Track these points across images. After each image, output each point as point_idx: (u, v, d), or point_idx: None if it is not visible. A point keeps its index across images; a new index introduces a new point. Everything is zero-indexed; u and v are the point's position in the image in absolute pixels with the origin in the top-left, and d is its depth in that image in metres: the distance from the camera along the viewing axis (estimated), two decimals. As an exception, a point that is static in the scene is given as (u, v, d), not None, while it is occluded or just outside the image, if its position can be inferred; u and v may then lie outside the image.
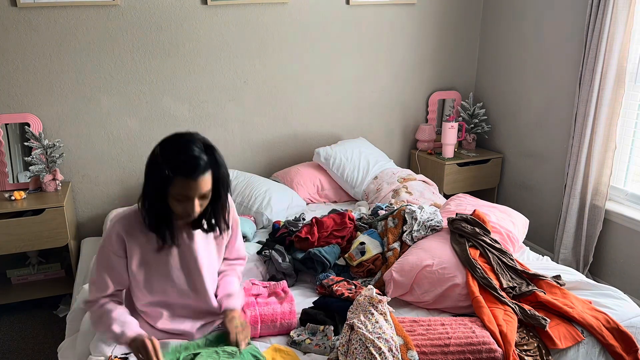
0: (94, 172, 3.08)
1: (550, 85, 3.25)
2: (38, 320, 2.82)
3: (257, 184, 2.99)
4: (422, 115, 3.82)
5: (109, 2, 2.84)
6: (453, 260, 2.06)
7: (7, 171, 2.86)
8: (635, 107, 2.84)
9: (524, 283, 2.05)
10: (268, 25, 3.20)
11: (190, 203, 1.52)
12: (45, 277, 3.01)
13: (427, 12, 3.57)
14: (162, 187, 1.49)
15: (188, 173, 1.47)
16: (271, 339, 1.86)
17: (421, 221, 2.32)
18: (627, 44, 2.72)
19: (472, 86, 3.87)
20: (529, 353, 1.74)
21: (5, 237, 2.60)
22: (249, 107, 3.31)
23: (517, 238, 2.42)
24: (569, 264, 3.05)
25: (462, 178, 3.55)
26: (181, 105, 3.14)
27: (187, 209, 1.53)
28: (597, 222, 2.96)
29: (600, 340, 1.84)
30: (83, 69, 2.91)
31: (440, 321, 1.84)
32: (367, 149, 3.39)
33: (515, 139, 3.59)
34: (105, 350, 1.65)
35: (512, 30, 3.48)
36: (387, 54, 3.56)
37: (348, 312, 1.76)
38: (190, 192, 1.49)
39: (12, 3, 2.70)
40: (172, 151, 1.50)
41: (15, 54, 2.78)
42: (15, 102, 2.84)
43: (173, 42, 3.03)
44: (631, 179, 2.96)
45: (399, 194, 2.93)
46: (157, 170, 1.49)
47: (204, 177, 1.50)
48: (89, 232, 3.13)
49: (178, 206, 1.53)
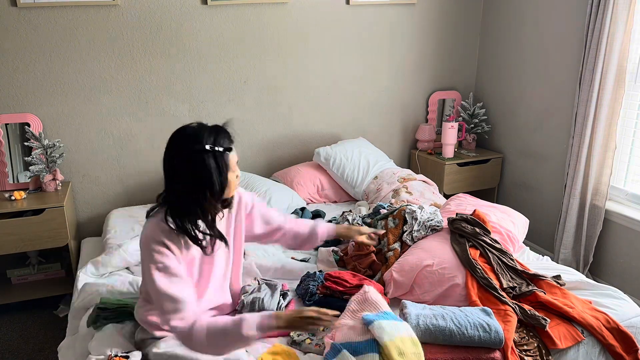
0: (94, 172, 3.08)
1: (550, 85, 3.25)
2: (38, 320, 2.82)
3: (257, 184, 2.99)
4: (422, 115, 3.82)
5: (109, 2, 2.84)
6: (453, 261, 2.06)
7: (7, 171, 2.86)
8: (635, 107, 2.84)
9: (524, 283, 2.05)
10: (268, 25, 3.20)
11: (237, 169, 1.62)
12: (45, 277, 3.01)
13: (427, 12, 3.57)
14: (224, 170, 1.54)
15: (230, 140, 1.58)
16: (272, 340, 1.86)
17: (421, 221, 2.32)
18: (627, 44, 2.72)
19: (472, 86, 3.87)
20: (529, 353, 1.74)
21: (5, 237, 2.60)
22: (249, 107, 3.31)
23: (517, 238, 2.42)
24: (569, 264, 3.05)
25: (462, 178, 3.55)
26: (181, 105, 3.14)
27: (238, 176, 1.63)
28: (597, 222, 2.97)
29: (600, 340, 1.84)
30: (83, 69, 2.91)
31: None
32: (367, 149, 3.39)
33: (515, 139, 3.59)
34: (105, 350, 1.65)
35: (512, 30, 3.48)
36: (387, 54, 3.56)
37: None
38: (237, 156, 1.61)
39: (12, 3, 2.70)
40: (206, 136, 1.53)
41: (16, 54, 2.78)
42: (15, 102, 2.84)
43: (173, 42, 3.03)
44: (631, 179, 2.96)
45: (399, 194, 2.92)
46: (210, 157, 1.51)
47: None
48: (89, 232, 3.13)
49: (234, 178, 1.60)
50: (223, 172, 1.54)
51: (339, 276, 2.05)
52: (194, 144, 1.51)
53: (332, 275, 2.07)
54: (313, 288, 2.03)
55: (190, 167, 1.51)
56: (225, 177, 1.55)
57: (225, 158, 1.55)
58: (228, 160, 1.55)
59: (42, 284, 2.96)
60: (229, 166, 1.56)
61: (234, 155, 1.59)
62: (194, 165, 1.51)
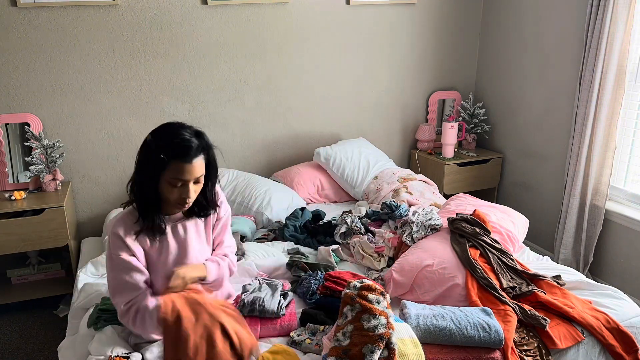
0: (94, 172, 3.08)
1: (550, 85, 3.25)
2: (38, 320, 2.82)
3: (257, 183, 2.99)
4: (422, 115, 3.82)
5: (109, 2, 2.84)
6: (453, 260, 2.06)
7: (7, 171, 2.86)
8: (635, 107, 2.84)
9: (524, 283, 2.05)
10: (268, 25, 3.20)
11: (186, 188, 1.55)
12: (45, 277, 3.01)
13: (427, 12, 3.57)
14: (156, 173, 1.52)
15: (183, 155, 1.51)
16: (272, 340, 1.86)
17: (420, 222, 2.32)
18: (627, 44, 2.72)
19: (472, 86, 3.87)
20: (529, 353, 1.74)
21: (5, 237, 2.60)
22: (249, 107, 3.31)
23: (517, 238, 2.42)
24: (569, 264, 3.05)
25: (462, 178, 3.55)
26: (181, 105, 3.14)
27: (182, 194, 1.55)
28: (597, 222, 2.96)
29: (600, 340, 1.84)
30: (83, 69, 2.91)
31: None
32: (367, 149, 3.39)
33: (515, 139, 3.59)
34: (105, 350, 1.65)
35: (513, 30, 3.48)
36: (387, 54, 3.56)
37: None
38: (186, 175, 1.52)
39: (12, 3, 2.70)
40: (166, 137, 1.53)
41: (16, 54, 2.78)
42: (15, 102, 2.84)
43: (173, 42, 3.03)
44: (631, 179, 2.96)
45: (399, 193, 2.92)
46: (151, 156, 1.51)
47: (197, 160, 1.54)
48: (89, 232, 3.13)
49: (173, 192, 1.55)
50: (154, 180, 1.52)
51: (339, 276, 2.05)
52: (153, 136, 1.55)
53: (332, 275, 2.07)
54: (314, 286, 2.03)
55: (138, 158, 1.57)
56: (156, 187, 1.54)
57: (169, 167, 1.50)
58: (167, 170, 1.50)
59: (42, 284, 2.96)
60: (166, 178, 1.52)
61: (177, 170, 1.50)
62: (140, 157, 1.56)
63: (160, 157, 1.49)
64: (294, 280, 2.18)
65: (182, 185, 1.54)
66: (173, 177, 1.52)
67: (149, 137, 1.56)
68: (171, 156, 1.50)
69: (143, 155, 1.55)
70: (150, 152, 1.52)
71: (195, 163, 1.53)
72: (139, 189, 1.57)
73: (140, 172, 1.56)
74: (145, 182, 1.55)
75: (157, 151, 1.50)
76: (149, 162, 1.52)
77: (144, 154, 1.55)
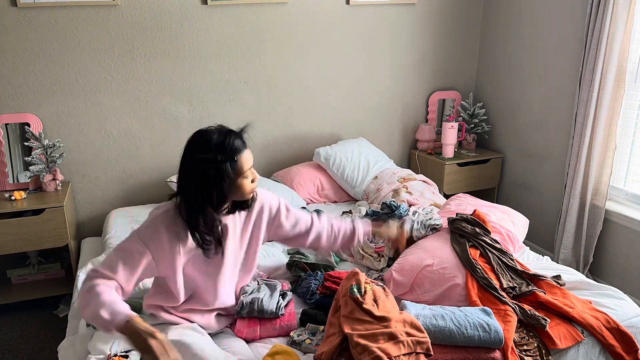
0: (94, 172, 3.08)
1: (550, 85, 3.25)
2: (38, 320, 2.82)
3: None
4: (422, 115, 3.82)
5: (109, 2, 2.84)
6: (453, 260, 2.06)
7: (7, 171, 2.86)
8: (635, 107, 2.84)
9: (524, 283, 2.05)
10: (268, 25, 3.20)
11: (253, 173, 1.63)
12: (45, 277, 3.01)
13: (427, 12, 3.57)
14: (234, 176, 1.55)
15: (240, 146, 1.57)
16: (272, 340, 1.86)
17: (420, 221, 2.32)
18: (627, 44, 2.72)
19: (472, 86, 3.87)
20: (529, 353, 1.74)
21: (5, 237, 2.60)
22: (249, 107, 3.31)
23: (517, 238, 2.42)
24: (569, 264, 3.05)
25: (462, 178, 3.55)
26: (181, 105, 3.15)
27: (253, 178, 1.63)
28: (597, 222, 2.96)
29: (600, 340, 1.84)
30: (83, 69, 2.91)
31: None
32: (367, 149, 3.39)
33: (515, 139, 3.59)
34: (104, 349, 1.65)
35: (512, 30, 3.48)
36: (387, 54, 3.56)
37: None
38: (250, 159, 1.61)
39: (12, 3, 2.70)
40: (215, 144, 1.54)
41: (16, 54, 2.78)
42: (15, 102, 2.85)
43: (173, 42, 3.03)
44: (631, 179, 2.96)
45: (399, 194, 2.92)
46: (218, 161, 1.52)
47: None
48: (89, 232, 3.13)
49: (248, 182, 1.60)
50: (225, 181, 1.54)
51: (339, 276, 2.05)
52: (199, 151, 1.53)
53: (332, 275, 2.07)
54: (314, 286, 2.03)
55: (192, 175, 1.55)
56: (228, 186, 1.55)
57: (230, 167, 1.53)
58: (235, 167, 1.55)
59: (42, 284, 2.96)
60: (236, 173, 1.56)
61: (246, 160, 1.58)
62: (195, 174, 1.54)
63: (234, 160, 1.54)
64: (293, 280, 2.18)
65: (251, 172, 1.62)
66: (246, 168, 1.58)
67: (201, 155, 1.52)
68: (236, 153, 1.55)
69: (207, 168, 1.52)
70: (214, 159, 1.51)
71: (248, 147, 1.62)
72: (193, 209, 1.55)
73: (210, 187, 1.53)
74: (219, 193, 1.54)
75: (223, 154, 1.52)
76: (222, 172, 1.52)
77: (206, 166, 1.52)
